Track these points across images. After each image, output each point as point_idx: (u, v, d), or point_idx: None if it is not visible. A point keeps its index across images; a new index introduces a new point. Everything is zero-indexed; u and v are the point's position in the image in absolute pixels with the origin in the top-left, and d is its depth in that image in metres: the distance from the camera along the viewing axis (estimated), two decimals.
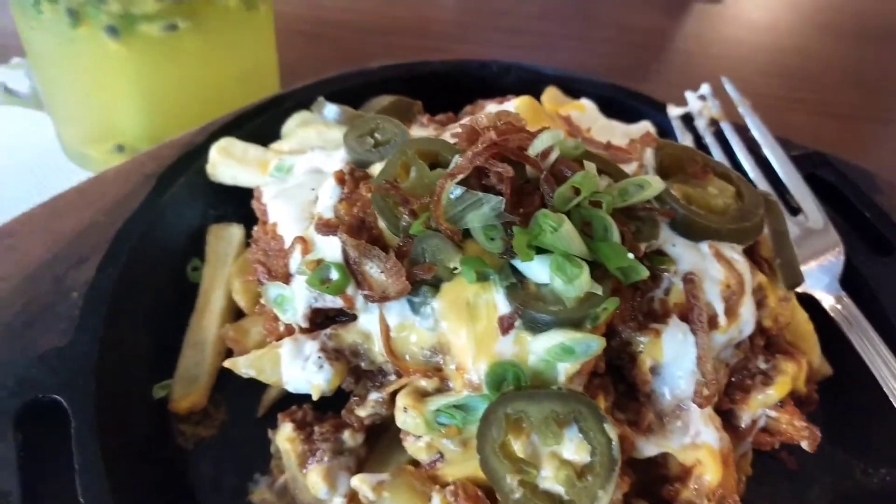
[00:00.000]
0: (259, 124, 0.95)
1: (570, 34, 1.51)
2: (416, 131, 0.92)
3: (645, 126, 1.02)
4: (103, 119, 1.04)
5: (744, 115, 1.00)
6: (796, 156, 0.99)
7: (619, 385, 0.70)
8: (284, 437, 0.72)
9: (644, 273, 0.66)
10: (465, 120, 0.77)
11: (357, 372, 0.73)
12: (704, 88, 1.04)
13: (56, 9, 0.89)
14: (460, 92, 1.03)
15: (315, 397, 0.70)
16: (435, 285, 0.68)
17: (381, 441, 0.74)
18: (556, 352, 0.63)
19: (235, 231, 0.89)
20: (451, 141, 0.76)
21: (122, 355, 0.77)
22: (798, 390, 0.74)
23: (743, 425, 0.73)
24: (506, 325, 0.65)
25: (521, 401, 0.63)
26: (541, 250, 0.65)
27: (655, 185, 0.70)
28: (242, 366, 0.70)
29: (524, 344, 0.65)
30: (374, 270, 0.69)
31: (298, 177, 0.85)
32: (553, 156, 0.69)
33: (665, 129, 1.05)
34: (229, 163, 0.89)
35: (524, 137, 0.70)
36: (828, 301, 0.85)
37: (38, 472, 0.67)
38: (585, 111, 1.01)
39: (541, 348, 0.64)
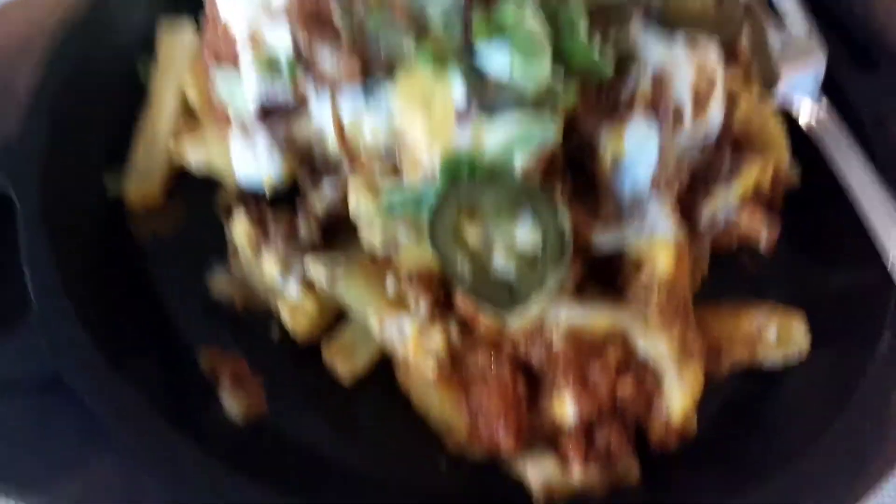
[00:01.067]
0: None
1: None
2: None
3: None
4: None
5: None
6: None
7: (579, 178, 0.69)
8: (240, 226, 0.71)
9: (608, 71, 0.64)
10: None
11: (311, 166, 0.71)
12: None
13: None
14: None
15: (268, 192, 0.69)
16: (389, 75, 0.66)
17: (333, 236, 0.73)
18: (512, 141, 0.62)
19: (188, 29, 0.85)
20: None
21: (72, 148, 0.76)
22: (762, 190, 0.74)
23: (703, 224, 0.73)
24: (462, 115, 0.63)
25: (475, 189, 0.62)
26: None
27: None
28: (193, 155, 0.69)
29: (480, 133, 0.63)
30: (326, 60, 0.66)
31: None
32: None
33: None
34: None
35: None
36: (806, 107, 0.83)
37: None
38: None
39: (496, 137, 0.63)
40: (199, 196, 0.80)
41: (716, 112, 0.69)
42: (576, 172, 0.70)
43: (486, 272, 0.63)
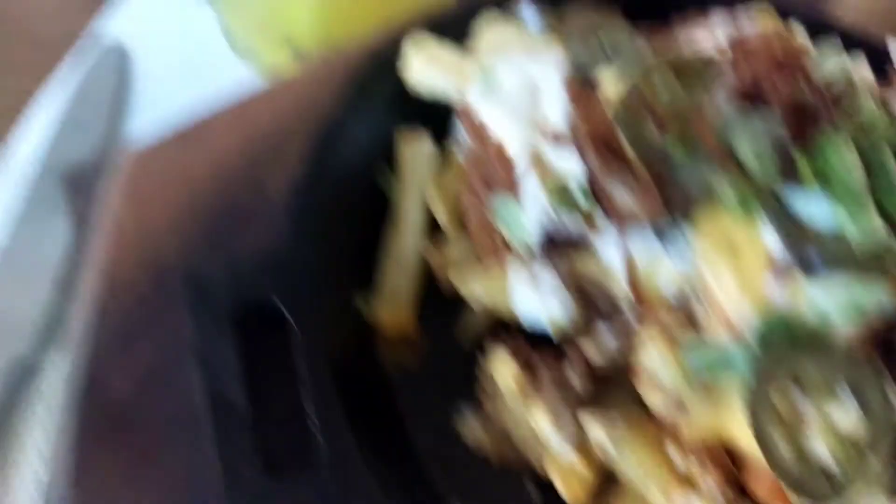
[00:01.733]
0: (449, 26, 0.87)
1: None
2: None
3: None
4: (277, 9, 0.98)
5: None
6: None
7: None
8: (505, 367, 0.67)
9: None
10: (716, 30, 0.69)
11: (586, 308, 0.67)
12: None
13: None
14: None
15: (555, 335, 0.64)
16: (686, 215, 0.61)
17: (606, 385, 0.68)
18: (844, 306, 0.56)
19: (426, 140, 0.84)
20: None
21: (332, 261, 0.73)
22: None
23: None
24: (779, 268, 0.58)
25: (799, 359, 0.56)
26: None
27: None
28: (474, 286, 0.65)
29: (801, 293, 0.58)
30: (620, 191, 0.62)
31: (508, 84, 0.77)
32: (837, 82, 0.61)
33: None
34: (427, 66, 0.82)
35: (803, 56, 0.61)
36: None
37: (262, 381, 0.63)
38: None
39: (823, 300, 0.57)
40: (443, 325, 0.76)
41: None
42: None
43: (802, 454, 0.57)
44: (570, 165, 0.65)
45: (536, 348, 0.69)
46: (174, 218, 0.74)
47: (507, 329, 0.71)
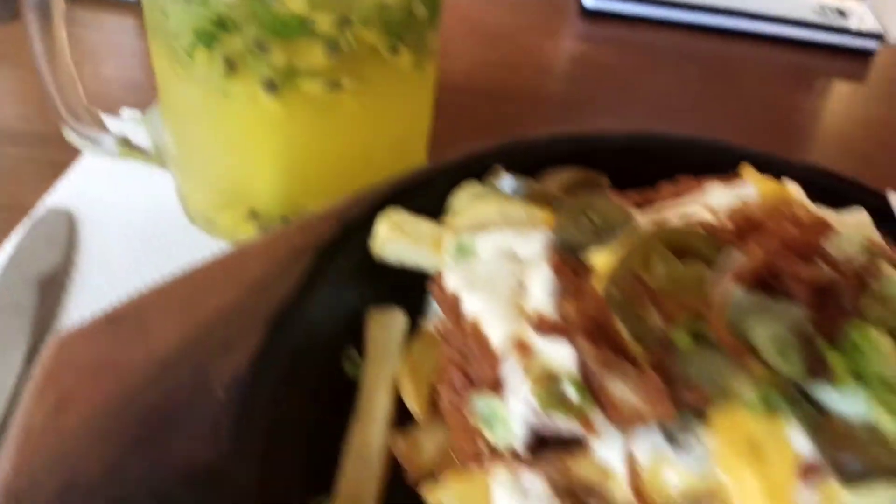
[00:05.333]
0: (422, 197, 0.82)
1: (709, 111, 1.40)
2: None
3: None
4: (239, 181, 0.92)
5: None
6: None
7: None
8: None
9: None
10: (718, 203, 0.63)
11: None
12: None
13: (212, 57, 0.78)
14: (635, 171, 0.88)
15: None
16: (699, 412, 0.53)
17: None
18: None
19: (399, 318, 0.76)
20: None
21: (280, 468, 0.62)
22: None
23: None
24: (809, 472, 0.49)
25: None
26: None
27: None
28: (442, 496, 0.55)
29: (834, 500, 0.49)
30: (620, 389, 0.54)
31: (487, 261, 0.71)
32: (858, 259, 0.55)
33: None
34: (399, 239, 0.76)
35: (819, 231, 0.56)
36: None
37: None
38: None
39: None
40: None
41: None
42: None
43: None
44: (560, 357, 0.57)
45: None
46: (94, 417, 0.63)
47: None
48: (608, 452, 0.56)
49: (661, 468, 0.54)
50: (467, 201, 0.82)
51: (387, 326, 0.76)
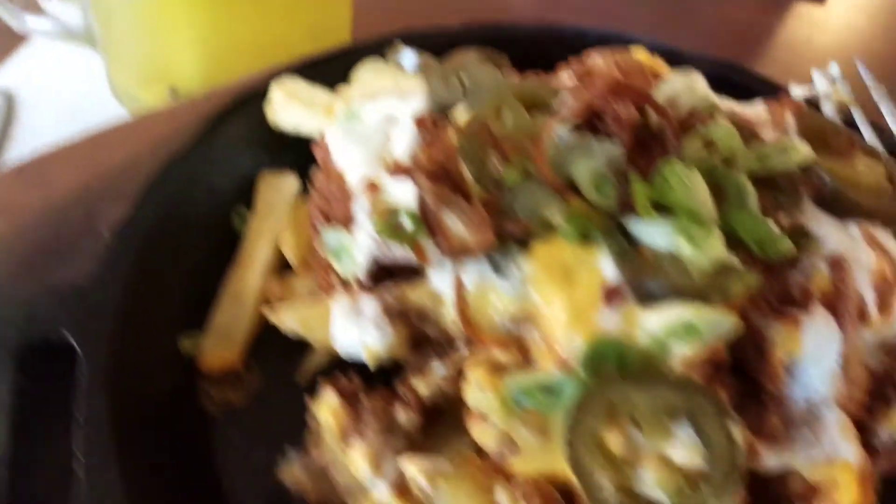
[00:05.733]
0: (327, 71, 0.85)
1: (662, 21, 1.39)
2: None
3: (761, 107, 0.90)
4: (159, 59, 0.96)
5: (879, 104, 0.87)
6: None
7: (736, 382, 0.58)
8: (327, 407, 0.61)
9: (787, 247, 0.54)
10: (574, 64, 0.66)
11: (418, 340, 0.61)
12: (834, 68, 0.91)
13: None
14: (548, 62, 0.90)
15: (372, 365, 0.59)
16: (524, 242, 0.57)
17: (439, 423, 0.62)
18: (678, 331, 0.51)
19: (290, 180, 0.80)
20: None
21: (150, 301, 0.67)
22: None
23: (880, 444, 0.60)
24: (612, 295, 0.53)
25: (628, 387, 0.51)
26: (658, 209, 0.54)
27: (803, 151, 0.59)
28: (288, 319, 0.59)
29: (633, 319, 0.53)
30: (453, 221, 0.58)
31: (369, 123, 0.74)
32: (683, 104, 0.58)
33: None
34: (293, 106, 0.79)
35: (648, 80, 0.59)
36: None
37: (36, 422, 0.56)
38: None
39: (656, 325, 0.52)
40: (281, 363, 0.70)
41: None
42: (735, 377, 0.59)
43: (632, 492, 0.51)
44: (403, 194, 0.61)
45: (371, 389, 0.64)
46: None
47: (345, 369, 0.65)
48: (439, 280, 0.59)
49: (486, 293, 0.58)
50: (367, 74, 0.85)
51: (277, 188, 0.79)
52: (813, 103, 0.91)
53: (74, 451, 0.55)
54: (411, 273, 0.61)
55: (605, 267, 0.55)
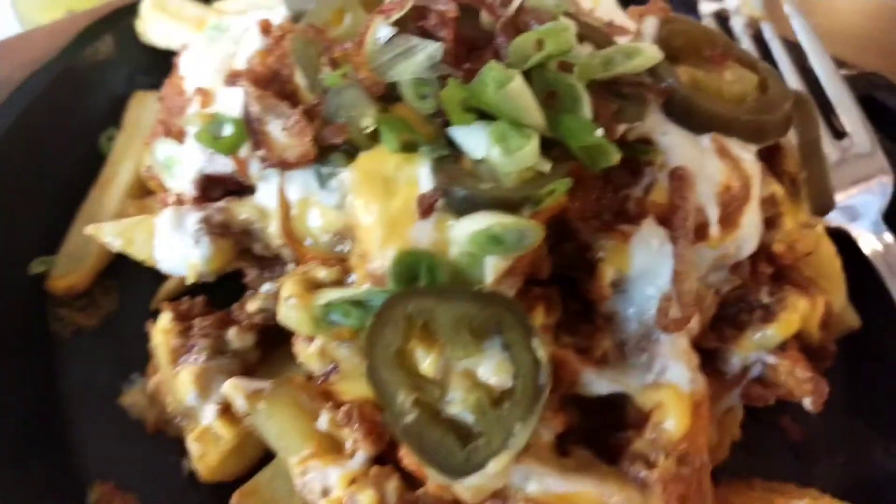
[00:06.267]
0: None
1: None
2: None
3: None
4: None
5: (791, 19, 0.82)
6: (850, 75, 0.80)
7: (572, 302, 0.55)
8: (159, 328, 0.59)
9: (614, 156, 0.50)
10: None
11: (254, 259, 0.59)
12: None
13: None
14: None
15: (190, 279, 0.57)
16: (350, 153, 0.54)
17: (278, 350, 0.60)
18: (482, 240, 0.48)
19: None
20: None
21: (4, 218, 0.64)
22: (808, 334, 0.58)
23: (730, 370, 0.58)
24: (426, 205, 0.50)
25: (428, 298, 0.49)
26: (485, 117, 0.51)
27: (649, 52, 0.55)
28: (108, 233, 0.57)
29: (446, 231, 0.50)
30: (277, 129, 0.55)
31: (233, 35, 0.70)
32: (517, 1, 0.54)
33: None
34: (162, 19, 0.76)
35: None
36: (866, 239, 0.68)
37: None
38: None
39: (463, 235, 0.49)
40: (138, 288, 0.68)
41: (750, 228, 0.54)
42: (569, 294, 0.56)
43: (436, 411, 0.48)
44: (231, 102, 0.58)
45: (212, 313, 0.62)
46: None
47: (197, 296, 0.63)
48: (265, 194, 0.57)
49: (309, 207, 0.55)
50: None
51: (147, 107, 0.76)
52: (724, 19, 0.86)
53: None
54: (246, 190, 0.59)
55: (423, 177, 0.51)
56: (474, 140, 0.51)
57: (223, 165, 0.57)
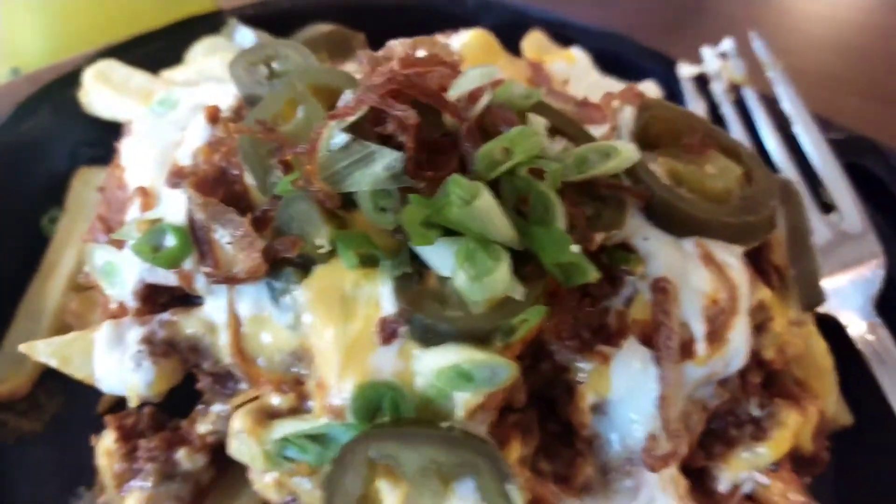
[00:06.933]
0: (158, 49, 0.77)
1: None
2: (352, 69, 0.72)
3: (649, 87, 0.81)
4: (4, 38, 0.86)
5: (773, 82, 0.78)
6: (836, 140, 0.77)
7: (549, 424, 0.51)
8: (103, 448, 0.54)
9: (591, 274, 0.46)
10: (381, 51, 0.57)
11: (205, 373, 0.54)
12: (727, 44, 0.82)
13: None
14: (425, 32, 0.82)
15: (132, 403, 0.52)
16: (305, 267, 0.49)
17: (232, 467, 0.55)
18: (449, 376, 0.44)
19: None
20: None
21: None
22: (801, 448, 0.54)
23: (721, 490, 0.54)
24: (387, 331, 0.46)
25: (392, 441, 0.44)
26: (450, 232, 0.46)
27: (625, 153, 0.51)
28: (42, 352, 0.53)
29: (409, 360, 0.46)
30: (224, 240, 0.50)
31: (181, 113, 0.66)
32: (483, 102, 0.50)
33: (676, 94, 0.84)
34: (105, 91, 0.71)
35: (446, 75, 0.50)
36: (857, 327, 0.65)
37: None
38: (575, 63, 0.81)
39: (429, 369, 0.45)
40: (83, 388, 0.63)
41: (739, 343, 0.50)
42: (546, 415, 0.52)
43: None
44: (175, 206, 0.53)
45: (161, 427, 0.57)
46: None
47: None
48: (214, 308, 0.52)
49: (260, 324, 0.50)
50: (198, 55, 0.77)
51: (93, 184, 0.71)
52: (704, 82, 0.82)
53: None
54: (190, 300, 0.54)
55: (384, 297, 0.47)
56: (439, 258, 0.47)
57: (165, 277, 0.52)
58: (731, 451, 0.53)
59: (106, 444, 0.55)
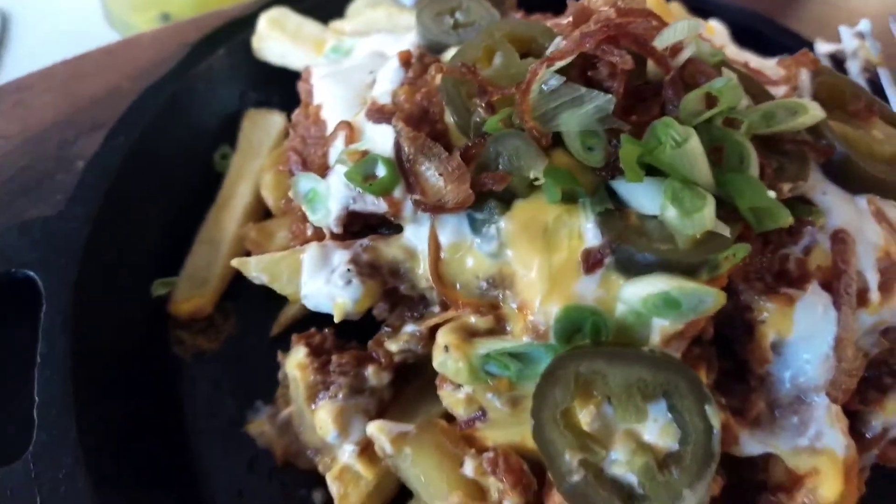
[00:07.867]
0: (323, 1, 0.80)
1: None
2: None
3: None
4: None
5: None
6: None
7: (723, 362, 0.54)
8: (295, 362, 0.58)
9: (786, 218, 0.50)
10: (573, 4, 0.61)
11: (393, 297, 0.58)
12: (864, 25, 0.84)
13: None
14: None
15: (337, 318, 0.56)
16: (506, 200, 0.53)
17: (410, 386, 0.59)
18: (657, 303, 0.48)
19: (276, 119, 0.76)
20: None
21: (120, 239, 0.64)
22: None
23: (870, 433, 0.57)
24: (592, 261, 0.50)
25: (601, 359, 0.48)
26: (652, 171, 0.50)
27: (813, 111, 0.54)
28: (254, 268, 0.57)
29: (613, 288, 0.50)
30: (430, 172, 0.54)
31: (357, 60, 0.70)
32: (686, 53, 0.53)
33: None
34: (279, 37, 0.75)
35: (651, 26, 0.53)
36: None
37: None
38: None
39: (635, 296, 0.48)
40: (258, 311, 0.68)
41: None
42: (719, 353, 0.55)
43: (600, 470, 0.48)
44: (380, 139, 0.57)
45: (344, 347, 0.61)
46: None
47: (320, 323, 0.63)
48: (414, 235, 0.56)
49: (461, 252, 0.54)
50: (362, 7, 0.80)
51: (262, 126, 0.76)
52: (839, 61, 0.84)
53: (34, 392, 0.53)
54: (388, 226, 0.58)
55: (588, 231, 0.51)
56: (646, 197, 0.50)
57: (373, 205, 0.56)
58: (885, 397, 0.56)
59: (298, 358, 0.59)
